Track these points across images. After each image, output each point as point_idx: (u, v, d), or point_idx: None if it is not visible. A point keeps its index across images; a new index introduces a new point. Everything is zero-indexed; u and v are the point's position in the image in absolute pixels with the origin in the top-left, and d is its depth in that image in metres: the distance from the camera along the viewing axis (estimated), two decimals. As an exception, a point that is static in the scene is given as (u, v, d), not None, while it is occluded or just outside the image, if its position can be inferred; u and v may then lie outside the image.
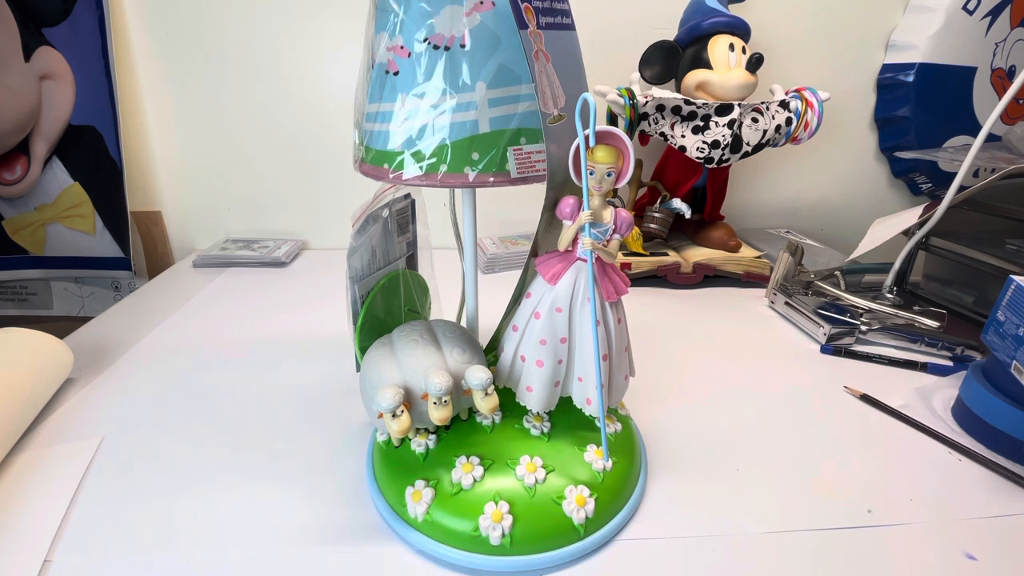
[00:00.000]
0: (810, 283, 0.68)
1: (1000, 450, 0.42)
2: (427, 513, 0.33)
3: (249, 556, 0.32)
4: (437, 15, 0.29)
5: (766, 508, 0.37)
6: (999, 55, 0.85)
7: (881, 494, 0.38)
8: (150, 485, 0.38)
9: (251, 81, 0.81)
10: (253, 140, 0.84)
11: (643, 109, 0.70)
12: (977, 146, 0.59)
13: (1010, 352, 0.41)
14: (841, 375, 0.53)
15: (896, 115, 0.87)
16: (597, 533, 0.33)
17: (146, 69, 0.80)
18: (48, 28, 0.73)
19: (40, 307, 0.85)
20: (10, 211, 0.79)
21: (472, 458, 0.35)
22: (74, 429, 0.43)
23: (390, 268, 0.42)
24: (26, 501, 0.36)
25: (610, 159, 0.30)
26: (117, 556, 0.32)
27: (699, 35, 0.69)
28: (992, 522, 0.36)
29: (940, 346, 0.57)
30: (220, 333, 0.60)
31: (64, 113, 0.76)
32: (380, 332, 0.38)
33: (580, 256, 0.33)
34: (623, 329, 0.36)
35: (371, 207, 0.38)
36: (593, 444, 0.36)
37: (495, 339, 0.43)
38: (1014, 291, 0.42)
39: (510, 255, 0.80)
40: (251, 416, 0.46)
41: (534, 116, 0.31)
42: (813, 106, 0.68)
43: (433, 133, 0.31)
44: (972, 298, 0.65)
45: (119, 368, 0.53)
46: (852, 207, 0.96)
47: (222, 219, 0.89)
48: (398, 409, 0.32)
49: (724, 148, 0.67)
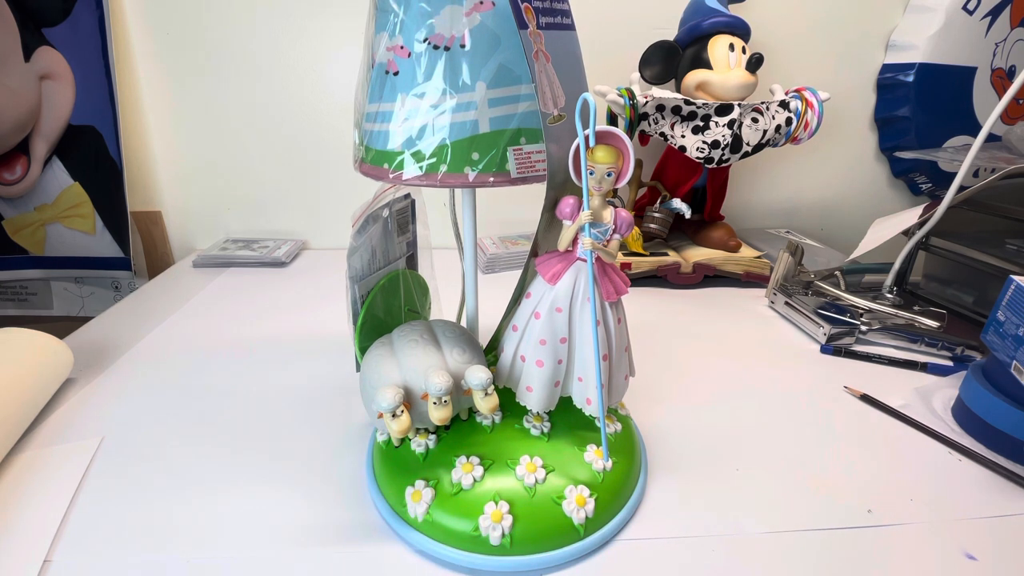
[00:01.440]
0: (810, 283, 0.68)
1: (1000, 450, 0.42)
2: (427, 513, 0.33)
3: (249, 556, 0.32)
4: (437, 15, 0.29)
5: (766, 508, 0.37)
6: (999, 55, 0.85)
7: (881, 494, 0.38)
8: (150, 485, 0.38)
9: (251, 81, 0.81)
10: (253, 140, 0.84)
11: (643, 109, 0.70)
12: (977, 146, 0.59)
13: (1010, 352, 0.41)
14: (841, 375, 0.53)
15: (896, 115, 0.87)
16: (597, 533, 0.33)
17: (146, 69, 0.80)
18: (48, 28, 0.73)
19: (40, 307, 0.85)
20: (10, 211, 0.79)
21: (472, 458, 0.35)
22: (74, 429, 0.43)
23: (390, 268, 0.42)
24: (26, 501, 0.36)
25: (610, 159, 0.30)
26: (117, 556, 0.32)
27: (699, 35, 0.69)
28: (992, 522, 0.36)
29: (940, 346, 0.57)
30: (220, 333, 0.60)
31: (64, 113, 0.76)
32: (380, 332, 0.38)
33: (580, 256, 0.33)
34: (623, 329, 0.36)
35: (371, 207, 0.38)
36: (593, 444, 0.36)
37: (495, 339, 0.43)
38: (1014, 291, 0.42)
39: (510, 255, 0.80)
40: (251, 416, 0.46)
41: (534, 116, 0.31)
42: (813, 106, 0.68)
43: (433, 133, 0.31)
44: (972, 298, 0.65)
45: (119, 368, 0.53)
46: (852, 207, 0.96)
47: (222, 219, 0.89)
48: (398, 409, 0.32)
49: (724, 148, 0.67)
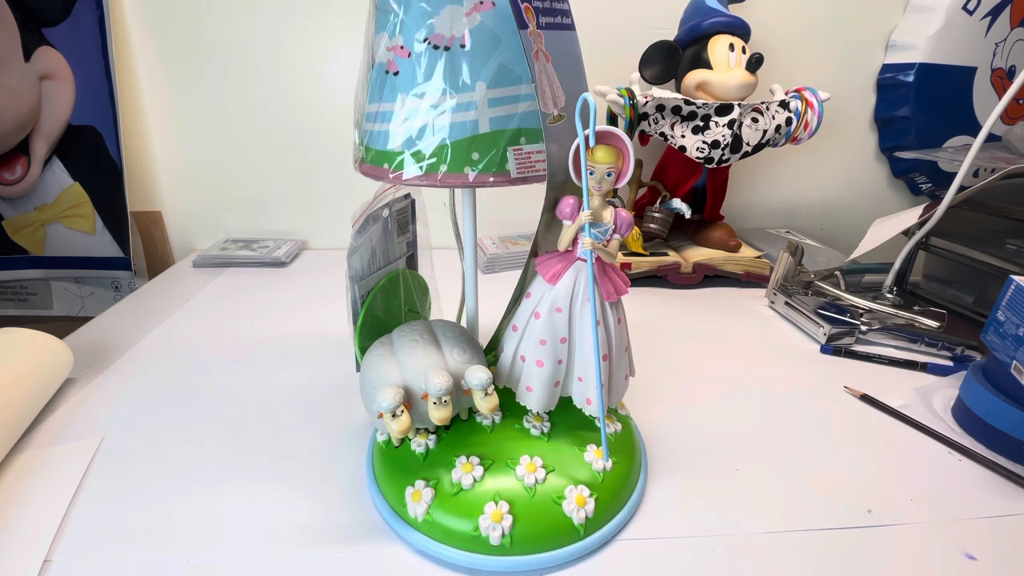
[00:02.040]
0: (810, 283, 0.68)
1: (1000, 450, 0.42)
2: (427, 513, 0.33)
3: (249, 556, 0.32)
4: (437, 15, 0.29)
5: (766, 508, 0.37)
6: (999, 55, 0.85)
7: (881, 494, 0.38)
8: (150, 485, 0.38)
9: (251, 81, 0.81)
10: (253, 140, 0.84)
11: (643, 109, 0.70)
12: (977, 146, 0.59)
13: (1010, 352, 0.41)
14: (841, 375, 0.53)
15: (896, 115, 0.87)
16: (597, 533, 0.33)
17: (146, 69, 0.80)
18: (48, 28, 0.73)
19: (40, 307, 0.85)
20: (10, 211, 0.79)
21: (472, 458, 0.35)
22: (74, 429, 0.43)
23: (390, 268, 0.42)
24: (26, 501, 0.36)
25: (610, 159, 0.30)
26: (117, 556, 0.32)
27: (699, 35, 0.69)
28: (992, 522, 0.36)
29: (940, 346, 0.57)
30: (220, 333, 0.60)
31: (64, 113, 0.76)
32: (380, 332, 0.38)
33: (580, 256, 0.33)
34: (623, 329, 0.36)
35: (371, 207, 0.38)
36: (593, 444, 0.36)
37: (495, 339, 0.43)
38: (1014, 291, 0.42)
39: (510, 255, 0.80)
40: (251, 416, 0.46)
41: (534, 116, 0.31)
42: (813, 106, 0.68)
43: (433, 133, 0.31)
44: (972, 298, 0.65)
45: (119, 368, 0.53)
46: (852, 207, 0.96)
47: (222, 219, 0.89)
48: (398, 409, 0.32)
49: (724, 148, 0.67)
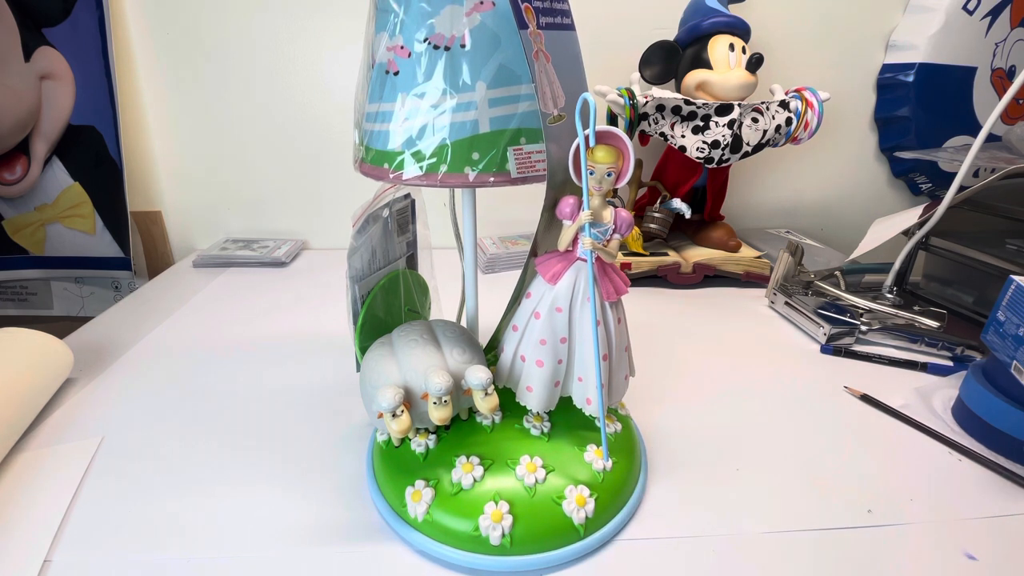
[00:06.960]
0: (810, 283, 0.68)
1: (1000, 450, 0.42)
2: (427, 513, 0.33)
3: (249, 556, 0.32)
4: (437, 15, 0.29)
5: (766, 508, 0.37)
6: (999, 55, 0.85)
7: (881, 494, 0.38)
8: (150, 485, 0.38)
9: (251, 81, 0.81)
10: (253, 140, 0.84)
11: (643, 109, 0.70)
12: (977, 146, 0.59)
13: (1010, 352, 0.41)
14: (841, 375, 0.53)
15: (896, 115, 0.87)
16: (597, 533, 0.33)
17: (146, 69, 0.80)
18: (48, 28, 0.73)
19: (40, 307, 0.85)
20: (10, 211, 0.79)
21: (472, 458, 0.35)
22: (74, 429, 0.43)
23: (390, 268, 0.42)
24: (26, 501, 0.36)
25: (610, 159, 0.30)
26: (117, 556, 0.32)
27: (699, 35, 0.69)
28: (992, 522, 0.36)
29: (940, 346, 0.57)
30: (220, 333, 0.60)
31: (64, 113, 0.76)
32: (380, 332, 0.38)
33: (580, 256, 0.33)
34: (623, 329, 0.36)
35: (371, 207, 0.38)
36: (593, 444, 0.36)
37: (495, 339, 0.43)
38: (1014, 291, 0.42)
39: (510, 255, 0.80)
40: (251, 416, 0.46)
41: (534, 116, 0.31)
42: (813, 106, 0.68)
43: (433, 133, 0.31)
44: (972, 298, 0.65)
45: (119, 368, 0.53)
46: (852, 207, 0.96)
47: (222, 219, 0.89)
48: (398, 409, 0.32)
49: (724, 148, 0.67)
